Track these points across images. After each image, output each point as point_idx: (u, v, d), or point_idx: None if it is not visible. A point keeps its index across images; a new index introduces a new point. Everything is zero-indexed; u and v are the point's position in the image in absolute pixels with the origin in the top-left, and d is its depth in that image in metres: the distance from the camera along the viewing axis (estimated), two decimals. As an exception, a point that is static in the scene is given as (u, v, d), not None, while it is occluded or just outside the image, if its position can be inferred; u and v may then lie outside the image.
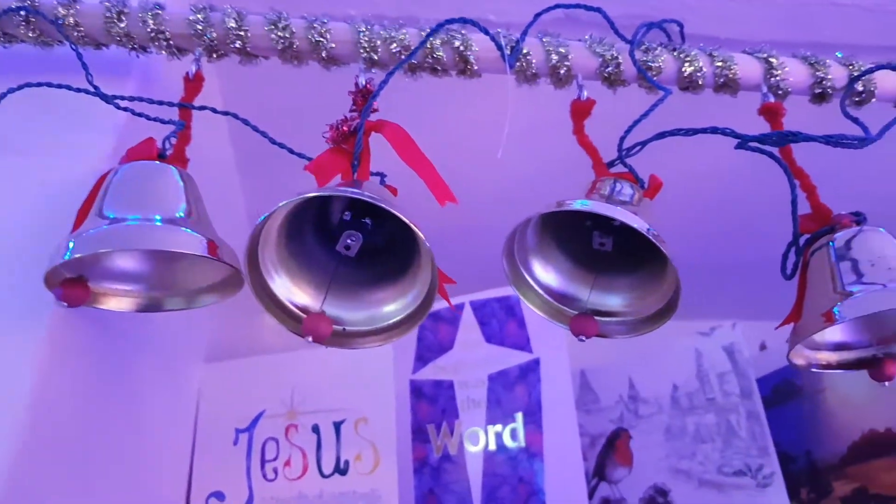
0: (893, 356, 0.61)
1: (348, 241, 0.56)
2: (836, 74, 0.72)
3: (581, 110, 0.67)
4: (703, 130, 0.62)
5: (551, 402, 0.95)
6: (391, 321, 0.57)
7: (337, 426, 0.94)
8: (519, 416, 0.96)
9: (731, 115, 0.67)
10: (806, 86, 0.72)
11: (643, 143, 0.64)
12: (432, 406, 1.02)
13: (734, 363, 0.95)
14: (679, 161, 1.10)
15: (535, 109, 0.77)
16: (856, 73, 0.71)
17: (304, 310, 0.56)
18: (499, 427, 0.97)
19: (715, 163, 1.07)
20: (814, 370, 0.62)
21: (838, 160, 1.01)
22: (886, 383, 0.60)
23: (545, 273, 0.62)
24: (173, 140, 0.60)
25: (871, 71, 0.71)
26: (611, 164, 0.64)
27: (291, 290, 0.56)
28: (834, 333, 0.62)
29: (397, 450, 1.01)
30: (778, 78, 0.70)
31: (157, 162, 0.58)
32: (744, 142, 0.60)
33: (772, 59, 0.70)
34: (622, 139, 0.62)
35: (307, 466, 0.92)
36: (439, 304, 1.09)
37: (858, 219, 0.61)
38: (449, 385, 1.02)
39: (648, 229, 0.54)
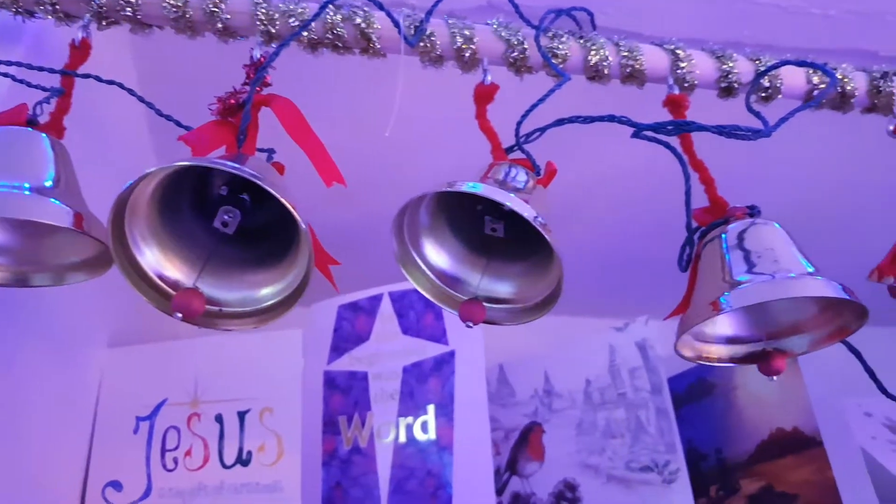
0: (781, 351, 0.61)
1: (225, 217, 0.54)
2: (743, 69, 0.72)
3: (484, 95, 0.65)
4: (601, 118, 0.61)
5: (464, 394, 0.94)
6: (266, 304, 0.55)
7: (241, 416, 0.91)
8: (431, 408, 0.95)
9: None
10: (712, 79, 0.71)
11: (542, 130, 0.63)
12: (345, 398, 1.00)
13: (646, 359, 0.95)
14: (602, 157, 1.11)
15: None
16: (762, 69, 0.71)
17: (175, 286, 0.54)
18: (410, 419, 0.95)
19: (636, 160, 1.07)
20: (702, 363, 0.62)
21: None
22: (774, 378, 0.60)
23: (437, 255, 0.60)
24: (45, 106, 0.57)
25: (776, 66, 0.71)
26: (509, 149, 0.63)
27: (162, 265, 0.53)
28: (724, 327, 0.62)
29: (307, 442, 0.99)
30: (684, 70, 0.70)
31: (27, 128, 0.55)
32: (639, 130, 0.59)
33: (678, 52, 0.70)
34: (518, 124, 0.61)
35: (208, 457, 0.90)
36: (359, 295, 1.08)
37: (752, 211, 0.61)
38: (363, 376, 1.00)
39: (536, 217, 0.53)
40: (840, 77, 0.72)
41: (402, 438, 0.94)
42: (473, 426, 0.92)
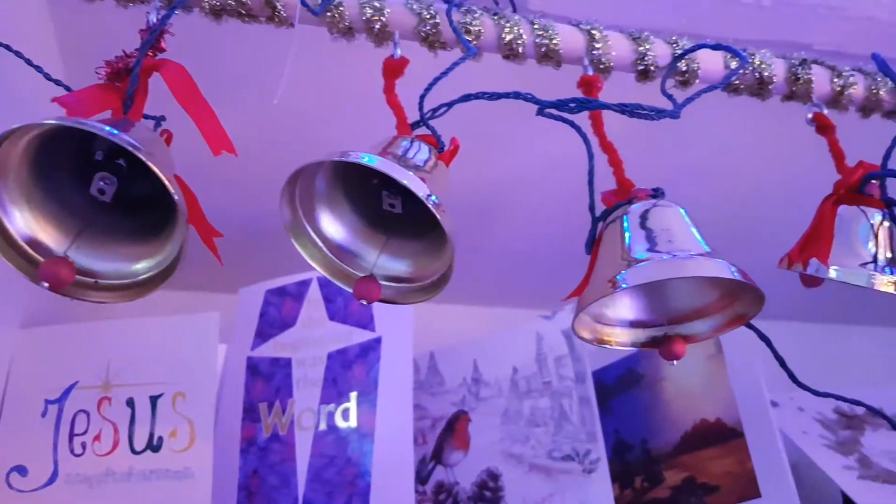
0: (682, 335, 0.60)
1: (101, 183, 0.51)
2: (660, 52, 0.71)
3: (392, 68, 0.64)
4: (506, 95, 0.60)
5: (388, 382, 0.92)
6: (141, 277, 0.52)
7: (153, 400, 0.88)
8: (354, 395, 0.93)
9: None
10: (629, 62, 0.71)
11: (449, 105, 0.62)
12: (267, 384, 0.98)
13: (571, 348, 0.94)
14: (534, 148, 1.10)
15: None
16: (678, 52, 0.70)
17: (48, 254, 0.51)
18: (332, 407, 0.93)
19: (569, 151, 1.06)
20: (601, 345, 0.61)
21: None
22: (674, 362, 0.59)
23: (332, 227, 0.59)
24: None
25: (693, 50, 0.70)
26: (415, 124, 0.61)
27: (34, 230, 0.51)
28: (626, 311, 0.61)
29: (226, 429, 0.97)
30: (600, 52, 0.69)
31: None
32: (542, 108, 0.58)
33: (594, 32, 0.69)
34: (422, 98, 0.60)
35: (118, 442, 0.87)
36: (287, 279, 1.06)
37: (656, 193, 0.60)
38: (287, 363, 0.98)
39: (429, 195, 0.52)
40: (758, 63, 0.72)
41: (323, 426, 0.92)
42: (396, 414, 0.90)
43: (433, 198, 0.52)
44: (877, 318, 1.61)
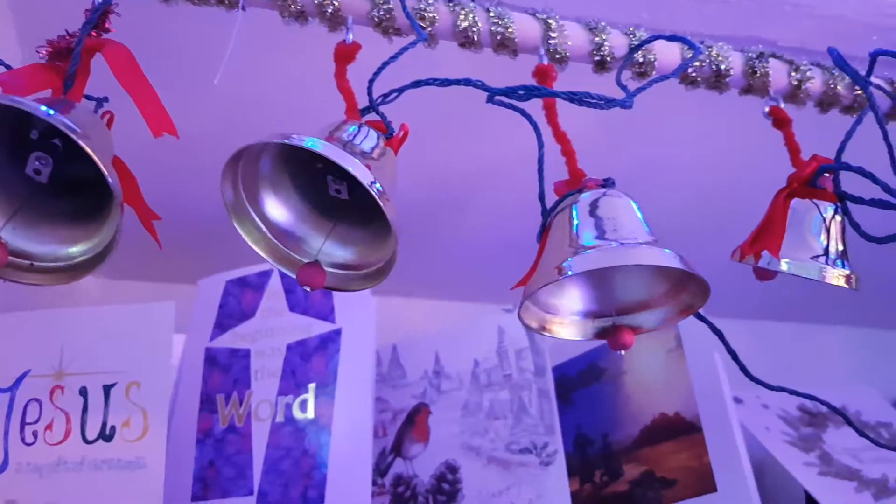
0: (631, 326, 0.60)
1: (37, 163, 0.50)
2: (617, 43, 0.70)
3: (344, 53, 0.63)
4: (457, 82, 0.60)
5: (348, 374, 0.91)
6: (76, 261, 0.51)
7: (107, 389, 0.87)
8: (312, 387, 0.92)
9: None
10: (586, 52, 0.70)
11: (399, 91, 0.61)
12: (225, 375, 0.96)
13: (532, 341, 0.94)
14: (498, 142, 1.09)
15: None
16: (635, 43, 0.70)
17: (-21, 235, 0.50)
18: (290, 398, 0.92)
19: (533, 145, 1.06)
20: (546, 335, 0.60)
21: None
22: (622, 352, 0.59)
23: (276, 210, 0.58)
24: None
25: (649, 41, 0.70)
26: (365, 110, 0.61)
27: (-34, 211, 0.50)
28: (574, 301, 0.61)
29: (182, 420, 0.95)
30: (556, 41, 0.68)
31: None
32: (492, 95, 0.57)
33: (550, 21, 0.69)
34: (370, 82, 0.59)
35: (70, 431, 0.85)
36: (248, 270, 1.05)
37: (606, 183, 0.60)
38: (245, 354, 0.97)
39: (372, 182, 0.51)
40: (714, 55, 0.72)
41: (280, 418, 0.91)
42: (355, 406, 0.90)
43: (377, 185, 0.51)
44: (845, 318, 1.62)
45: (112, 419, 0.85)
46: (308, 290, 0.55)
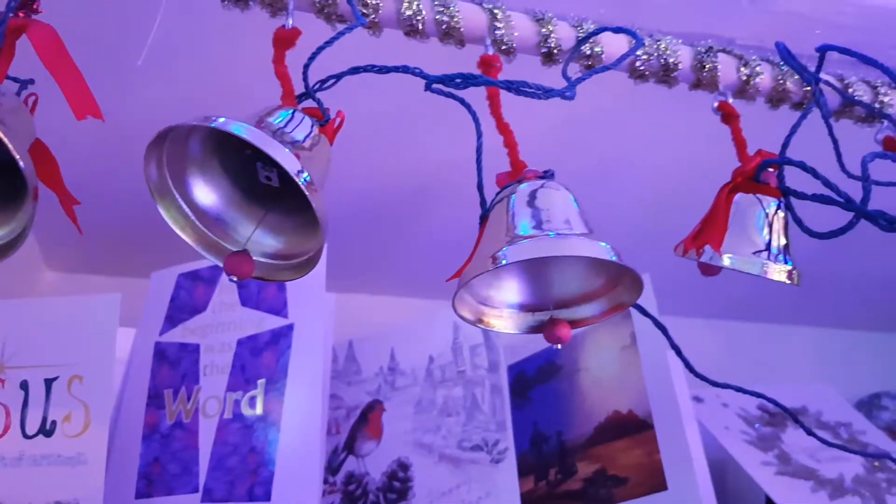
0: (568, 319, 0.59)
1: (-49, 146, 0.48)
2: (564, 35, 0.70)
3: (283, 39, 0.61)
4: (395, 69, 0.58)
5: (298, 370, 0.90)
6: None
7: (48, 383, 0.85)
8: (261, 383, 0.91)
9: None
10: (533, 43, 0.69)
11: (337, 77, 0.60)
12: (174, 370, 0.95)
13: (487, 337, 0.93)
14: (467, 136, 1.08)
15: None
16: (582, 35, 0.69)
17: None
18: (239, 394, 0.91)
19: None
20: (482, 326, 0.59)
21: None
22: (558, 346, 0.58)
23: (204, 194, 0.56)
24: None
25: (596, 33, 0.69)
26: (301, 96, 0.59)
27: None
28: (512, 294, 0.60)
29: (129, 415, 0.94)
30: (502, 32, 0.67)
31: None
32: (429, 83, 0.56)
33: (496, 12, 0.68)
34: (306, 67, 0.58)
35: (9, 425, 0.83)
36: (201, 263, 1.03)
37: (545, 174, 0.59)
38: (195, 349, 0.95)
39: (299, 171, 0.50)
40: (663, 48, 0.71)
41: (228, 414, 0.90)
42: (305, 403, 0.88)
43: (305, 175, 0.50)
44: (810, 319, 1.63)
45: (53, 413, 0.83)
46: (235, 279, 0.54)
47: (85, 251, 1.21)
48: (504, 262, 0.52)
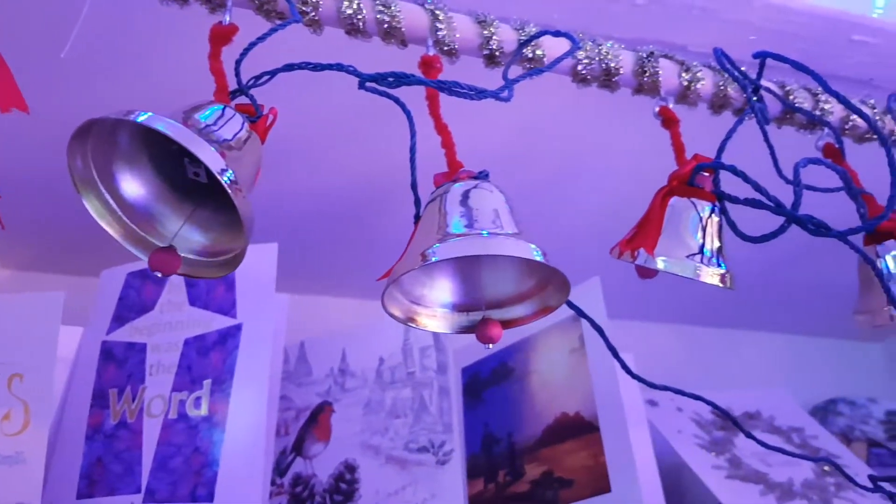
0: (501, 319, 0.59)
1: None
2: (506, 37, 0.70)
3: (219, 35, 0.61)
4: (329, 67, 0.58)
5: (245, 370, 0.89)
6: None
7: (-13, 382, 0.83)
8: (207, 383, 0.90)
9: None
10: (475, 45, 0.69)
11: (271, 73, 0.60)
12: (120, 370, 0.94)
13: (437, 338, 0.93)
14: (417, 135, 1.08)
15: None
16: (524, 38, 0.70)
17: None
18: (184, 394, 0.90)
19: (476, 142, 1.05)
20: (411, 325, 0.59)
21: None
22: (490, 345, 0.58)
23: (131, 186, 0.55)
24: None
25: (538, 36, 0.70)
26: (234, 93, 0.59)
27: None
28: (445, 293, 0.60)
29: (73, 415, 0.92)
30: (444, 33, 0.68)
31: None
32: (362, 82, 0.56)
33: (438, 13, 0.68)
34: (238, 62, 0.58)
35: (-53, 424, 0.82)
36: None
37: (479, 175, 0.59)
38: (141, 348, 0.94)
39: (223, 170, 0.49)
40: (605, 53, 0.72)
41: (173, 414, 0.89)
42: (251, 404, 0.88)
43: (229, 173, 0.50)
44: (768, 325, 1.65)
45: (-9, 412, 0.82)
46: (160, 275, 0.53)
47: (37, 249, 1.19)
48: (434, 258, 0.52)
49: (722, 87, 0.75)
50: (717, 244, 0.64)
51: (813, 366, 1.65)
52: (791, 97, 0.77)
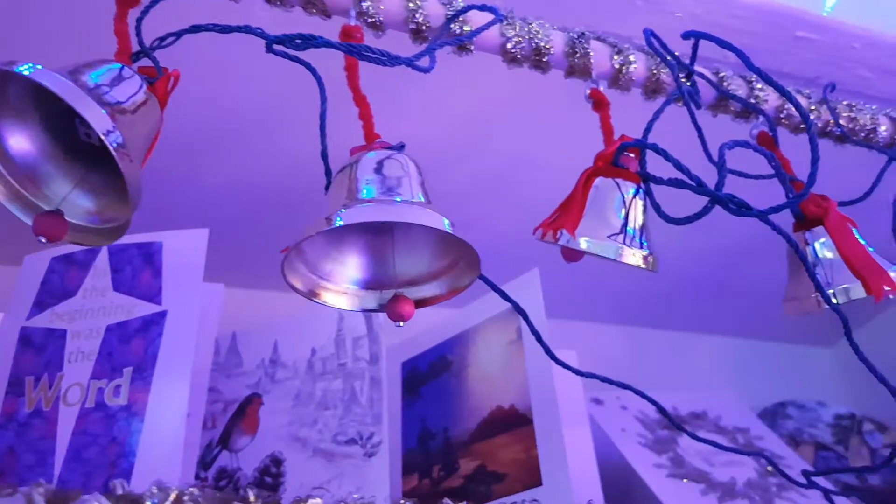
0: (413, 298, 0.57)
1: None
2: (432, 12, 0.68)
3: (127, -2, 0.59)
4: (237, 29, 0.56)
5: (168, 359, 0.86)
6: None
7: None
8: (128, 371, 0.86)
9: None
10: (400, 19, 0.67)
11: (177, 35, 0.57)
12: (38, 357, 0.89)
13: (370, 328, 0.90)
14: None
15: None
16: (451, 13, 0.68)
17: None
18: (104, 382, 0.86)
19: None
20: (313, 299, 0.57)
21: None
22: (401, 323, 0.56)
23: (18, 143, 0.52)
24: None
25: (465, 11, 0.68)
26: (136, 55, 0.56)
27: None
28: (354, 269, 0.57)
29: (-15, 403, 0.88)
30: (368, 4, 0.66)
31: None
32: (269, 44, 0.54)
33: (361, -17, 0.66)
34: (139, 21, 0.55)
35: None
36: (74, 248, 0.98)
37: (394, 146, 0.57)
38: (61, 334, 0.90)
39: (109, 132, 0.46)
40: (534, 31, 0.70)
41: (91, 403, 0.85)
42: (173, 394, 0.84)
43: (116, 136, 0.47)
44: (721, 328, 1.65)
45: None
46: (44, 240, 0.50)
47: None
48: (340, 222, 0.50)
49: (655, 72, 0.74)
50: (640, 225, 0.63)
51: (765, 370, 1.66)
52: (725, 84, 0.77)
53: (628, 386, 0.74)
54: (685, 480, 1.08)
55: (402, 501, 0.70)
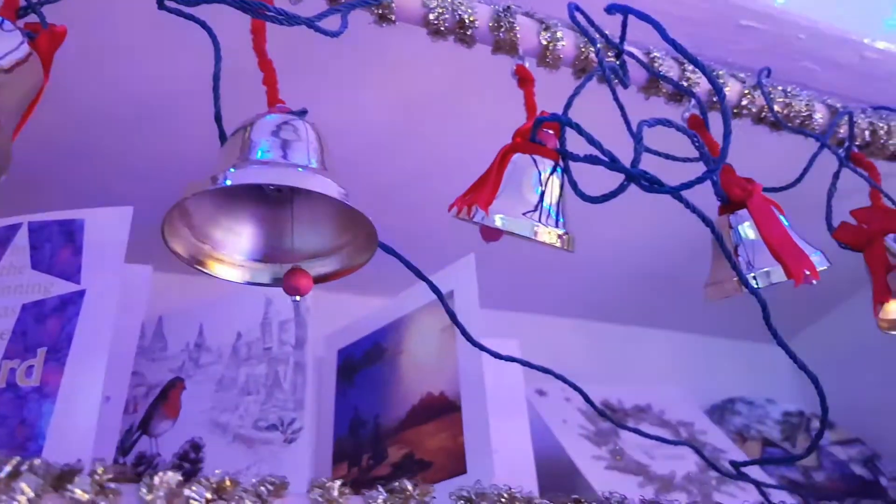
0: (311, 273, 0.55)
1: None
2: (351, -22, 0.66)
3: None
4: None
5: (85, 340, 0.82)
6: None
7: None
8: (42, 351, 0.83)
9: None
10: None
11: None
12: (-51, 336, 0.86)
13: (297, 312, 0.88)
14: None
15: None
16: (371, -18, 0.65)
17: None
18: (16, 363, 0.82)
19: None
20: (197, 268, 0.54)
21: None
22: (297, 298, 0.53)
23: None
24: None
25: (385, -20, 0.65)
26: (24, 10, 0.53)
27: None
28: (245, 240, 0.55)
29: None
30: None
31: None
32: (161, 1, 0.51)
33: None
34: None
35: None
36: (-3, 224, 0.94)
37: (296, 111, 0.55)
38: (-25, 313, 0.86)
39: None
40: (458, 2, 0.68)
41: (2, 383, 0.81)
42: (88, 376, 0.81)
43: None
44: (671, 323, 1.64)
45: None
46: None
47: None
48: (227, 182, 0.47)
49: (583, 49, 0.72)
50: (556, 203, 0.61)
51: (716, 366, 1.65)
52: (656, 65, 0.75)
53: (551, 371, 0.72)
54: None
55: (323, 481, 0.67)
